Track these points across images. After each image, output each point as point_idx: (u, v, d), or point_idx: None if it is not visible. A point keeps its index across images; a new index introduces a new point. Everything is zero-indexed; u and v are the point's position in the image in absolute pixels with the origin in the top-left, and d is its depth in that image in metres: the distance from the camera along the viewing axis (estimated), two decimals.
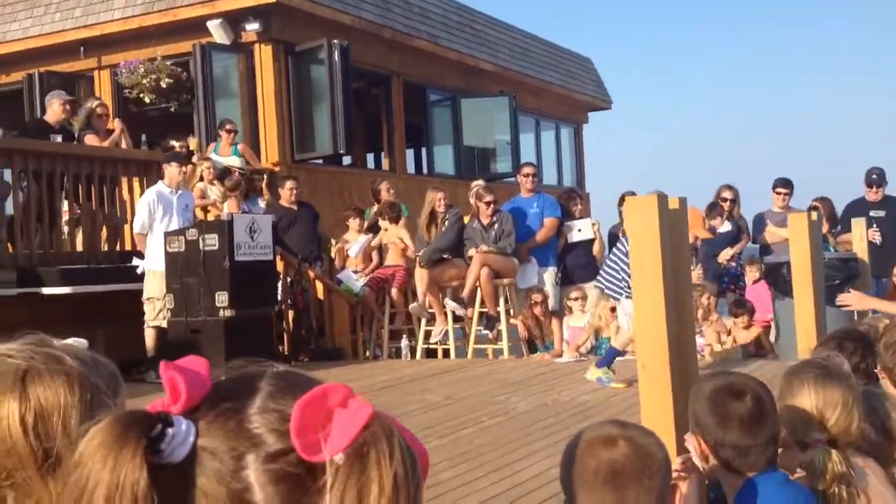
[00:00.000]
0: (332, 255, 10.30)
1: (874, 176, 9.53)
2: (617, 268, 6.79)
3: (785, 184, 9.77)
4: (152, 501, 0.71)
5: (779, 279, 8.31)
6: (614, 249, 7.12)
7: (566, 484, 1.81)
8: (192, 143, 10.60)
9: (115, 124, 9.85)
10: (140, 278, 8.28)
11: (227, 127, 10.46)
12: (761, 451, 2.19)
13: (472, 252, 9.13)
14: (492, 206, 9.26)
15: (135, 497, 0.71)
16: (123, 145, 9.68)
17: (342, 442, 0.71)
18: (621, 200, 9.49)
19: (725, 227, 9.77)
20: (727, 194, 10.00)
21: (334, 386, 0.74)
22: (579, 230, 9.53)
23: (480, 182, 10.34)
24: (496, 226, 9.23)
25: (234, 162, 10.27)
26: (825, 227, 8.55)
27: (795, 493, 2.23)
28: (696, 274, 8.39)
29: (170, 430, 0.73)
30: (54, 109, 9.31)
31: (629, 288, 5.98)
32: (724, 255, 9.70)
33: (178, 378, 0.75)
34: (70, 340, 1.83)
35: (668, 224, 3.43)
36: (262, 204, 9.89)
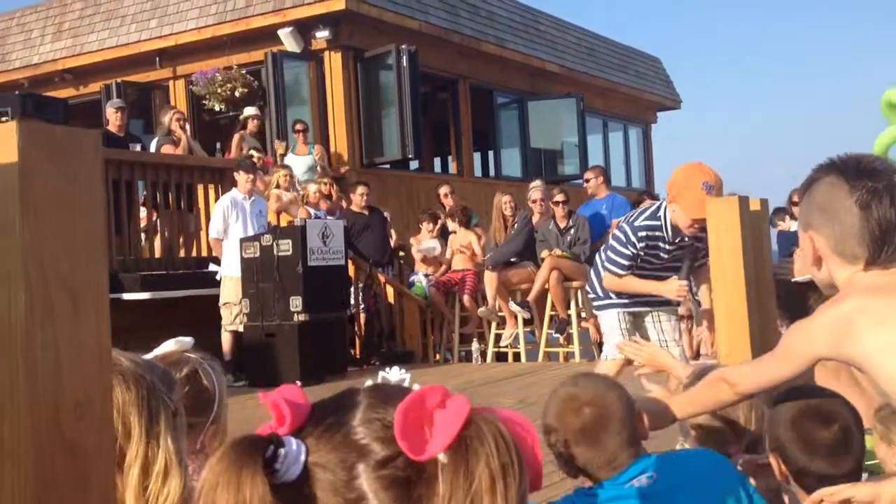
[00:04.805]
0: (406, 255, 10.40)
1: None
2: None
3: None
4: None
5: None
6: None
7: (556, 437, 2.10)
8: (280, 147, 10.94)
9: (177, 126, 9.76)
10: (216, 283, 8.46)
11: (297, 127, 10.72)
12: (846, 481, 2.07)
13: (544, 254, 9.10)
14: (562, 205, 9.21)
15: None
16: (197, 146, 9.88)
17: (445, 439, 0.73)
18: None
19: (796, 226, 9.58)
20: (798, 198, 9.82)
21: (431, 388, 0.76)
22: None
23: (538, 183, 10.10)
24: (572, 230, 9.18)
25: (308, 162, 10.56)
26: None
27: None
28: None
29: (282, 451, 0.75)
30: (111, 119, 9.60)
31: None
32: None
33: (281, 402, 0.78)
34: (175, 339, 1.90)
35: (749, 227, 3.39)
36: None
